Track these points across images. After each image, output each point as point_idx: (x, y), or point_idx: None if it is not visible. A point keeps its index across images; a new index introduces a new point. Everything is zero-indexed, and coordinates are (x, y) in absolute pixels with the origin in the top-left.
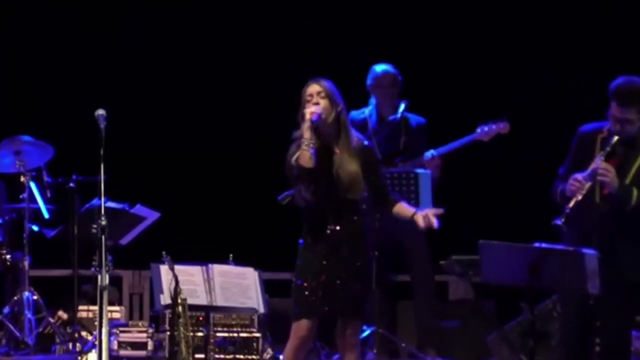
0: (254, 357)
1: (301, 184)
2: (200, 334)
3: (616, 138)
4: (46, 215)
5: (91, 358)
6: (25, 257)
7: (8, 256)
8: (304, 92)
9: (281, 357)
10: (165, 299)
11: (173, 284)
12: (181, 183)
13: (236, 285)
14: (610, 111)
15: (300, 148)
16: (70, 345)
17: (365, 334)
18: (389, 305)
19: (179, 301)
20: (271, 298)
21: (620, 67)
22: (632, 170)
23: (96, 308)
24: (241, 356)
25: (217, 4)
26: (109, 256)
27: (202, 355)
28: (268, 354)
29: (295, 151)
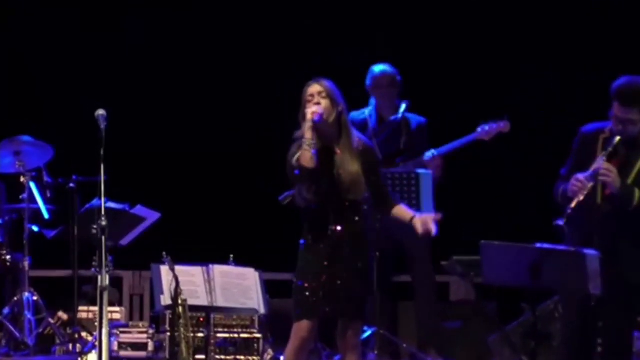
0: (255, 358)
1: (302, 185)
2: (200, 335)
3: (618, 138)
4: (46, 215)
5: (91, 359)
6: (25, 258)
7: (8, 257)
8: (305, 92)
9: (282, 358)
10: (165, 300)
11: (173, 285)
12: (181, 183)
13: (237, 286)
14: (612, 111)
15: (301, 148)
16: (70, 346)
17: (366, 335)
18: (390, 306)
19: (180, 302)
20: (272, 299)
21: (620, 67)
22: (634, 170)
23: (96, 309)
24: (242, 357)
25: (217, 4)
26: (109, 257)
27: (203, 356)
28: (269, 355)
29: (296, 151)
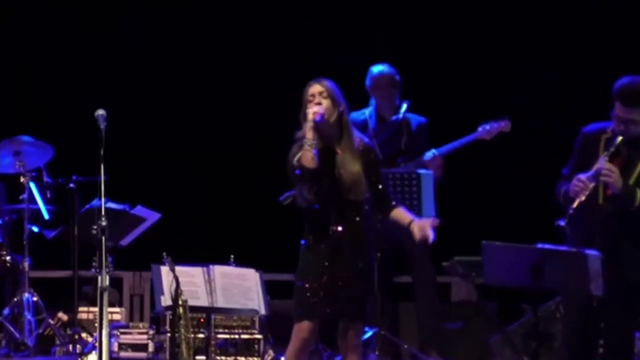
0: (255, 359)
1: (303, 185)
2: (201, 336)
3: (620, 138)
4: (46, 216)
5: None
6: (25, 258)
7: (8, 257)
8: (306, 92)
9: (282, 359)
10: (166, 301)
11: (174, 285)
12: (182, 183)
13: (237, 286)
14: (614, 111)
15: (302, 148)
16: (70, 346)
17: (367, 336)
18: (391, 306)
19: (180, 302)
20: (272, 299)
21: (620, 67)
22: (636, 170)
23: (96, 309)
24: (242, 358)
25: (217, 4)
26: (110, 257)
27: (203, 357)
28: (269, 356)
29: (297, 151)
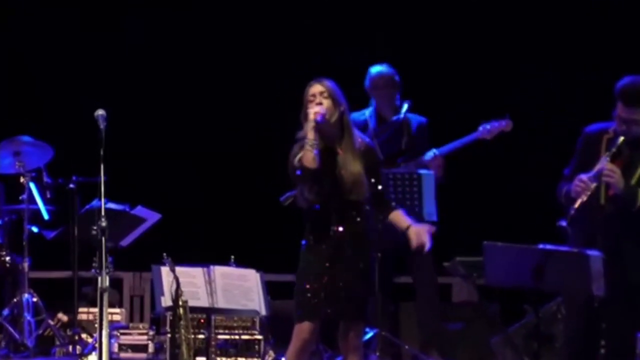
0: None
1: (304, 185)
2: (201, 337)
3: (622, 138)
4: (46, 216)
5: None
6: (24, 259)
7: (8, 258)
8: (307, 92)
9: None
10: (166, 301)
11: (174, 286)
12: (182, 184)
13: (238, 287)
14: (616, 111)
15: (303, 148)
16: (70, 347)
17: (367, 337)
18: (392, 307)
19: (180, 303)
20: (273, 300)
21: (621, 67)
22: (638, 171)
23: (96, 310)
24: (242, 359)
25: (217, 4)
26: (110, 258)
27: (204, 357)
28: (270, 357)
29: (298, 152)
